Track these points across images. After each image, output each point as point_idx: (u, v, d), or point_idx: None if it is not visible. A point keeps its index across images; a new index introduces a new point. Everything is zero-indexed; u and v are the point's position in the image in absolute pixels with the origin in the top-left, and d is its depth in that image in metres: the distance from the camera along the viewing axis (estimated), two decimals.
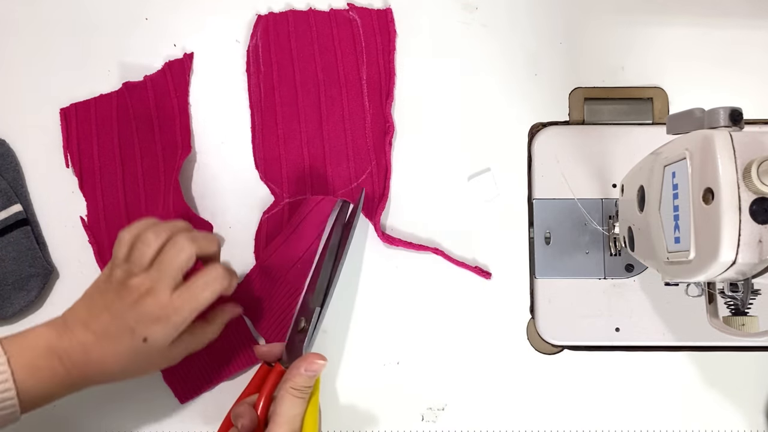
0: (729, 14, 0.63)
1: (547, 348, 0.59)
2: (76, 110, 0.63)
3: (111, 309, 0.48)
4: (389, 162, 0.61)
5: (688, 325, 0.57)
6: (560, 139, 0.60)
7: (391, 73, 0.62)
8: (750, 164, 0.38)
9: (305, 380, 0.48)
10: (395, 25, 0.63)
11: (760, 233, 0.38)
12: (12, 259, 0.59)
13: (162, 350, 0.49)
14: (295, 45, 0.62)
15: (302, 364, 0.49)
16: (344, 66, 0.62)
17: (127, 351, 0.48)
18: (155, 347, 0.48)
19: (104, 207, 0.61)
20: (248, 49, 0.63)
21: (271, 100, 0.62)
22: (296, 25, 0.63)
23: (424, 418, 0.59)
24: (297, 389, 0.48)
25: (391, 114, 0.61)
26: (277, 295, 0.59)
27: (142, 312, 0.47)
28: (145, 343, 0.47)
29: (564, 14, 0.63)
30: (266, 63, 0.62)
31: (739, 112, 0.41)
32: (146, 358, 0.49)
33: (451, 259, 0.59)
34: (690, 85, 0.62)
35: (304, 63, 0.62)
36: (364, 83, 0.62)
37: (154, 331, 0.47)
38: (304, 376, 0.48)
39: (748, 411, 0.58)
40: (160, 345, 0.48)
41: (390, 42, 0.62)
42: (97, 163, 0.62)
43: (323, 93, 0.62)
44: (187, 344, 0.51)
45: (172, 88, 0.62)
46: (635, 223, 0.50)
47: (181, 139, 0.61)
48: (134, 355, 0.48)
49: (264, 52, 0.62)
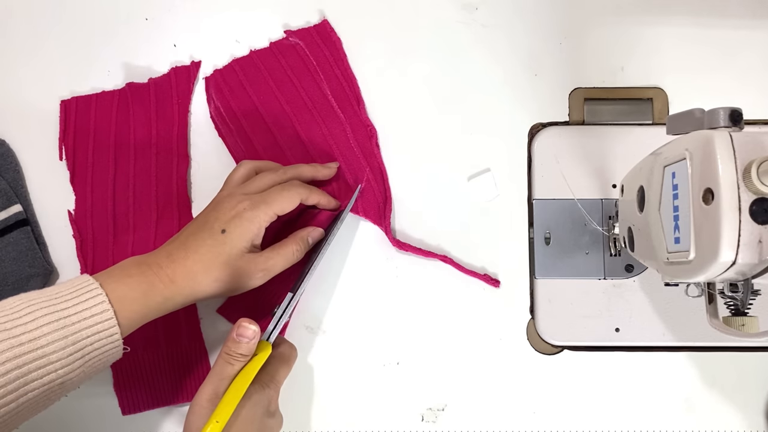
0: (729, 14, 0.63)
1: (547, 348, 0.59)
2: (76, 104, 0.63)
3: (198, 217, 0.53)
4: (381, 164, 0.61)
5: (688, 325, 0.57)
6: (560, 140, 0.60)
7: (352, 79, 0.62)
8: (750, 164, 0.38)
9: (235, 345, 0.49)
10: (336, 33, 0.62)
11: (760, 233, 0.38)
12: (12, 259, 0.59)
13: (241, 250, 0.51)
14: (252, 90, 0.62)
15: (234, 329, 0.49)
16: (306, 90, 0.62)
17: (207, 246, 0.51)
18: (233, 243, 0.51)
19: (92, 203, 0.61)
20: (211, 115, 0.63)
21: (253, 150, 0.61)
22: (245, 72, 0.62)
23: (424, 418, 0.59)
24: (228, 353, 0.49)
25: (368, 117, 0.61)
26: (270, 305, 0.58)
27: (220, 210, 0.52)
28: (224, 235, 0.51)
29: (564, 14, 0.63)
30: (233, 120, 0.62)
31: (739, 113, 0.41)
32: (227, 256, 0.51)
33: (460, 267, 0.59)
34: (690, 85, 0.61)
35: (268, 104, 0.62)
36: (330, 98, 0.61)
37: (233, 225, 0.51)
38: (234, 340, 0.49)
39: (748, 411, 0.58)
40: (237, 240, 0.51)
41: (338, 51, 0.62)
42: (91, 159, 0.62)
43: (297, 123, 0.61)
44: (267, 258, 0.53)
45: (174, 94, 0.62)
46: (635, 224, 0.50)
47: (178, 147, 0.62)
48: (213, 249, 0.51)
49: (226, 110, 0.62)
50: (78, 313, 0.44)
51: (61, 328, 0.43)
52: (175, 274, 0.50)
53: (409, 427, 0.59)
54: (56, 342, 0.43)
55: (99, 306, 0.45)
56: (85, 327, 0.44)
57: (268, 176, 0.55)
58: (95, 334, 0.45)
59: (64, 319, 0.44)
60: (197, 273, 0.50)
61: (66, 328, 0.44)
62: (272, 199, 0.53)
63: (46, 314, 0.43)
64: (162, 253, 0.51)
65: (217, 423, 0.46)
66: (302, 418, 0.59)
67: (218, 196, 0.55)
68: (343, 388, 0.59)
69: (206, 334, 0.60)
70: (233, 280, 0.52)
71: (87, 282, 0.46)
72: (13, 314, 0.43)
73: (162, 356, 0.58)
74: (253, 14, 0.64)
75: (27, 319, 0.43)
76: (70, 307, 0.44)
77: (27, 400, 0.42)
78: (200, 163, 0.62)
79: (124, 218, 0.61)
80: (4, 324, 0.42)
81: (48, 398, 0.44)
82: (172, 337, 0.58)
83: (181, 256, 0.50)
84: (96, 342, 0.45)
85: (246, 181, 0.55)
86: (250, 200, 0.52)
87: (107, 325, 0.45)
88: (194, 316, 0.60)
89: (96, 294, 0.46)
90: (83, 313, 0.45)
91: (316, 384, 0.60)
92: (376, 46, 0.63)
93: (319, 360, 0.60)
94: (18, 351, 0.41)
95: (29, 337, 0.42)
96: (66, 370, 0.44)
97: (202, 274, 0.50)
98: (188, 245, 0.51)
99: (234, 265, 0.51)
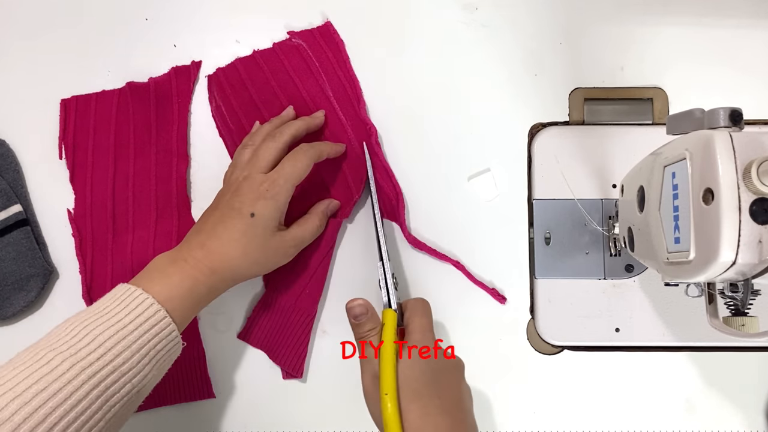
0: (729, 14, 0.63)
1: (547, 348, 0.59)
2: (76, 103, 0.63)
3: (218, 205, 0.53)
4: (384, 161, 0.61)
5: (688, 325, 0.57)
6: (560, 140, 0.60)
7: (355, 81, 0.62)
8: (750, 164, 0.38)
9: (359, 327, 0.50)
10: (339, 35, 0.62)
11: (760, 233, 0.38)
12: (12, 259, 0.59)
13: (272, 230, 0.53)
14: (254, 90, 0.62)
15: (349, 316, 0.51)
16: (308, 91, 0.61)
17: (240, 231, 0.51)
18: (265, 224, 0.52)
19: (92, 203, 0.61)
20: (212, 113, 0.63)
21: None
22: (247, 72, 0.62)
23: None
24: (360, 338, 0.50)
25: (367, 116, 0.61)
26: (290, 325, 0.59)
27: (242, 194, 0.52)
28: (254, 218, 0.51)
29: (564, 14, 0.63)
30: (233, 119, 0.62)
31: (739, 113, 0.41)
32: (262, 237, 0.52)
33: (470, 276, 0.59)
34: (690, 85, 0.61)
35: (269, 104, 0.61)
36: (332, 100, 0.61)
37: (260, 206, 0.52)
38: (355, 324, 0.51)
39: (748, 411, 0.58)
40: (268, 220, 0.52)
41: (341, 52, 0.62)
42: (90, 158, 0.62)
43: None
44: (296, 233, 0.55)
45: (174, 94, 0.62)
46: (635, 224, 0.50)
47: (178, 147, 0.62)
48: (247, 232, 0.51)
49: (227, 109, 0.62)
50: (133, 322, 0.45)
51: (122, 339, 0.44)
52: (214, 264, 0.51)
53: None
54: (123, 354, 0.44)
55: (150, 309, 0.46)
56: (144, 332, 0.45)
57: (269, 147, 0.55)
58: (155, 336, 0.46)
59: (122, 330, 0.45)
60: (235, 259, 0.51)
61: (127, 338, 0.45)
62: (289, 173, 0.54)
63: (103, 331, 0.44)
64: (194, 245, 0.51)
65: (386, 395, 0.46)
66: (303, 418, 0.59)
67: (231, 181, 0.55)
68: (344, 387, 0.59)
69: (205, 334, 0.60)
70: (269, 259, 0.54)
71: (130, 291, 0.47)
72: (72, 339, 0.43)
73: None
74: (253, 14, 0.64)
75: (88, 340, 0.43)
76: (123, 318, 0.45)
77: (113, 415, 0.43)
78: (200, 163, 0.62)
79: (123, 218, 0.61)
80: (68, 350, 0.42)
81: (129, 408, 0.45)
82: None
83: (215, 245, 0.51)
84: (158, 344, 0.46)
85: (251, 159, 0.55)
86: (268, 180, 0.53)
87: (164, 326, 0.47)
88: None
89: (143, 299, 0.47)
90: (137, 320, 0.46)
91: (317, 384, 0.60)
92: (375, 46, 0.63)
93: (319, 360, 0.60)
94: (90, 371, 0.42)
95: (96, 356, 0.43)
96: (139, 378, 0.45)
97: (241, 259, 0.52)
98: (219, 234, 0.51)
99: (268, 245, 0.53)
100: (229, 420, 0.59)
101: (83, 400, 0.41)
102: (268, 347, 0.59)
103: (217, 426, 0.59)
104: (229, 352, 0.60)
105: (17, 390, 0.40)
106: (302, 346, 0.59)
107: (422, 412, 0.46)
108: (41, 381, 0.40)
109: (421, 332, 0.51)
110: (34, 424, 0.39)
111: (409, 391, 0.47)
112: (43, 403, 0.40)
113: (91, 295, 0.60)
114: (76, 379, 0.41)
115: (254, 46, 0.63)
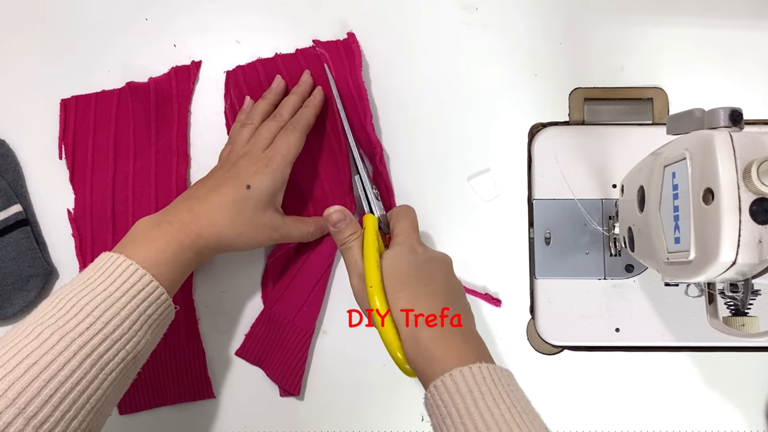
0: (729, 14, 0.63)
1: (547, 348, 0.59)
2: (76, 103, 0.63)
3: (213, 175, 0.54)
4: (388, 182, 0.60)
5: (688, 325, 0.57)
6: (560, 140, 0.60)
7: (362, 92, 0.60)
8: (750, 164, 0.38)
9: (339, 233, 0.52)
10: (358, 45, 0.61)
11: (760, 233, 0.38)
12: (12, 259, 0.59)
13: (264, 206, 0.53)
14: None
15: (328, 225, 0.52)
16: None
17: (232, 200, 0.51)
18: (258, 198, 0.52)
19: (92, 203, 0.61)
20: (225, 110, 0.62)
21: None
22: (266, 73, 0.62)
23: (424, 418, 0.59)
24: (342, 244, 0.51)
25: (374, 132, 0.60)
26: (286, 342, 0.59)
27: (241, 167, 0.53)
28: (249, 190, 0.52)
29: (564, 14, 0.63)
30: None
31: (739, 113, 0.41)
32: (252, 211, 0.52)
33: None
34: (690, 85, 0.62)
35: None
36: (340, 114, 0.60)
37: (257, 180, 0.52)
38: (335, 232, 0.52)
39: (748, 411, 0.58)
40: (262, 195, 0.52)
41: (355, 60, 0.61)
42: (90, 158, 0.62)
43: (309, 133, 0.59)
44: (287, 224, 0.55)
45: (174, 94, 0.62)
46: (635, 224, 0.50)
47: (178, 147, 0.61)
48: (239, 203, 0.51)
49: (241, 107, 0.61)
50: (119, 289, 0.45)
51: (110, 307, 0.44)
52: (201, 229, 0.50)
53: (409, 426, 0.59)
54: (112, 321, 0.43)
55: (135, 275, 0.46)
56: (131, 298, 0.45)
57: (271, 127, 0.56)
58: (144, 302, 0.46)
59: (110, 298, 0.44)
60: (222, 227, 0.51)
61: (115, 306, 0.44)
62: (286, 149, 0.54)
63: (89, 300, 0.43)
64: (182, 208, 0.51)
65: (371, 288, 0.47)
66: (303, 418, 0.59)
67: (230, 157, 0.55)
68: (344, 387, 0.59)
69: (204, 334, 0.60)
70: (256, 236, 0.53)
71: (113, 258, 0.46)
72: (59, 311, 0.43)
73: (160, 356, 0.58)
74: (253, 14, 0.64)
75: (75, 311, 0.43)
76: (109, 287, 0.45)
77: (110, 383, 0.43)
78: (200, 163, 0.62)
79: (123, 217, 0.61)
80: (56, 323, 0.42)
81: (127, 375, 0.45)
82: (171, 336, 0.58)
83: (204, 210, 0.51)
84: (148, 309, 0.46)
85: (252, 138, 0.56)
86: (266, 156, 0.53)
87: (151, 290, 0.46)
88: (192, 316, 0.60)
89: (128, 266, 0.46)
90: (123, 286, 0.45)
91: (317, 384, 0.60)
92: (375, 46, 0.63)
93: (319, 360, 0.60)
94: (81, 341, 0.41)
95: (85, 326, 0.42)
96: (132, 344, 0.44)
97: (228, 228, 0.51)
98: (211, 200, 0.51)
99: (257, 221, 0.53)
100: (229, 420, 0.59)
101: (77, 371, 0.41)
102: (266, 365, 0.59)
103: (217, 426, 0.59)
104: (229, 352, 0.60)
105: (8, 366, 0.39)
106: (300, 363, 0.59)
107: (411, 297, 0.47)
108: (32, 355, 0.40)
109: (405, 234, 0.52)
110: (29, 398, 0.38)
111: (395, 282, 0.47)
112: (36, 376, 0.39)
113: None
114: (67, 350, 0.41)
115: (254, 46, 0.63)
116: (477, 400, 0.41)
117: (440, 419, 0.42)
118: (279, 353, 0.59)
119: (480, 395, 0.41)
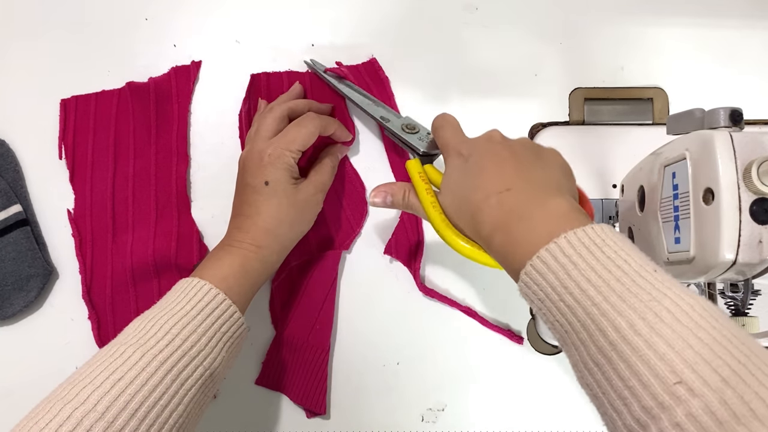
0: (729, 14, 0.63)
1: (547, 348, 0.59)
2: (76, 103, 0.63)
3: (237, 189, 0.55)
4: None
5: None
6: (560, 140, 0.60)
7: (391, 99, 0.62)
8: (750, 164, 0.38)
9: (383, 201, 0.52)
10: (384, 71, 0.62)
11: (760, 233, 0.38)
12: (12, 259, 0.59)
13: (291, 187, 0.54)
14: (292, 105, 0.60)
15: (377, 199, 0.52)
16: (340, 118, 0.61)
17: (264, 202, 0.53)
18: (282, 186, 0.53)
19: (92, 203, 0.61)
20: (240, 112, 0.62)
21: None
22: (291, 84, 0.61)
23: (424, 418, 0.59)
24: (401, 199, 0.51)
25: None
26: (304, 363, 0.59)
27: (249, 169, 0.54)
28: (269, 185, 0.53)
29: (564, 14, 0.63)
30: None
31: (739, 113, 0.41)
32: (285, 197, 0.53)
33: (484, 321, 0.59)
34: (690, 85, 0.62)
35: None
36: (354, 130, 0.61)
37: (268, 173, 0.53)
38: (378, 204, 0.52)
39: None
40: (281, 182, 0.53)
41: (385, 88, 0.62)
42: (90, 158, 0.62)
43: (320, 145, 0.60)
44: (315, 179, 0.56)
45: (174, 94, 0.62)
46: (635, 224, 0.50)
47: (177, 147, 0.61)
48: (271, 200, 0.53)
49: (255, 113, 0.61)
50: (194, 308, 0.47)
51: (187, 325, 0.46)
52: (256, 239, 0.52)
53: (409, 427, 0.59)
54: (189, 338, 0.45)
55: (209, 293, 0.48)
56: (206, 316, 0.47)
57: (266, 119, 0.56)
58: (218, 318, 0.48)
59: (185, 317, 0.46)
60: (274, 228, 0.53)
61: (191, 324, 0.46)
62: (292, 137, 0.54)
63: (167, 320, 0.46)
64: (233, 233, 0.53)
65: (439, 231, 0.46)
66: (303, 418, 0.59)
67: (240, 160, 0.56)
68: (343, 387, 0.59)
69: None
70: (304, 214, 0.55)
71: (187, 282, 0.49)
72: (140, 332, 0.45)
73: None
74: (253, 14, 0.64)
75: (154, 330, 0.45)
76: (185, 306, 0.47)
77: (190, 399, 0.44)
78: (200, 163, 0.62)
79: (123, 218, 0.61)
80: (137, 341, 0.44)
81: (206, 393, 0.46)
82: None
83: (249, 224, 0.53)
84: (223, 326, 0.48)
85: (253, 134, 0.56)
86: (270, 146, 0.54)
87: (219, 302, 0.48)
88: None
89: (201, 286, 0.48)
90: (198, 305, 0.47)
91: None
92: (375, 46, 0.63)
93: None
94: (161, 358, 0.43)
95: (165, 343, 0.44)
96: (209, 360, 0.46)
97: (279, 226, 0.53)
98: (247, 212, 0.53)
99: (296, 201, 0.54)
100: (229, 420, 0.59)
101: (159, 386, 0.42)
102: (287, 389, 0.59)
103: (217, 426, 0.59)
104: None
105: (96, 382, 0.41)
106: (321, 382, 0.58)
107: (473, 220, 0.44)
108: (117, 371, 0.42)
109: (445, 147, 0.48)
110: (117, 411, 0.40)
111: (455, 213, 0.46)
112: (122, 391, 0.41)
113: (90, 295, 0.60)
114: (149, 366, 0.42)
115: (254, 47, 0.63)
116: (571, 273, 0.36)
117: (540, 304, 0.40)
118: (299, 375, 0.59)
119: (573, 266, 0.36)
